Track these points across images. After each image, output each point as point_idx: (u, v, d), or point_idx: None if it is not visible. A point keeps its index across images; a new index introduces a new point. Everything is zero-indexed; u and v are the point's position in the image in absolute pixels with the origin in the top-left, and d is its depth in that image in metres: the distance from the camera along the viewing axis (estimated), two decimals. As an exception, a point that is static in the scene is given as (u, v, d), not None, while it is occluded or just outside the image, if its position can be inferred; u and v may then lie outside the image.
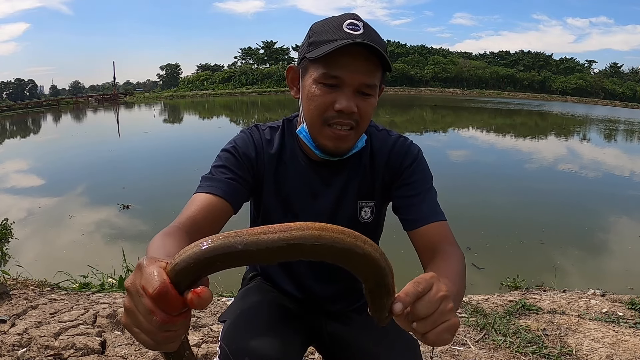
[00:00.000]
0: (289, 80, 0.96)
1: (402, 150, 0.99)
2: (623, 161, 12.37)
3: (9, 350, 1.65)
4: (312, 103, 0.87)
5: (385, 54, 0.83)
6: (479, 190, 7.79)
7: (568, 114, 34.20)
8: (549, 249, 4.88)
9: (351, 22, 0.84)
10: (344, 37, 0.81)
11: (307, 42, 0.89)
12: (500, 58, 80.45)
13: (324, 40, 0.83)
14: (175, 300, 0.40)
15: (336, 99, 0.85)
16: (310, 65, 0.87)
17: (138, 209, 6.47)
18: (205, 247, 0.40)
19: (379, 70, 0.87)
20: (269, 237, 0.39)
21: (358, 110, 0.86)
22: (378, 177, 0.99)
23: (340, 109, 0.85)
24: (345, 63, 0.83)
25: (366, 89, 0.86)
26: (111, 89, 69.34)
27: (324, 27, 0.86)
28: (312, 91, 0.86)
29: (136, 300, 0.42)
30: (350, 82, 0.84)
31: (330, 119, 0.87)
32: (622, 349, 1.88)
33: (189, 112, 37.24)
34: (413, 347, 0.97)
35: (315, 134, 0.90)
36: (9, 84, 78.30)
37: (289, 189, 0.98)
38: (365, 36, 0.82)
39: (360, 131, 0.91)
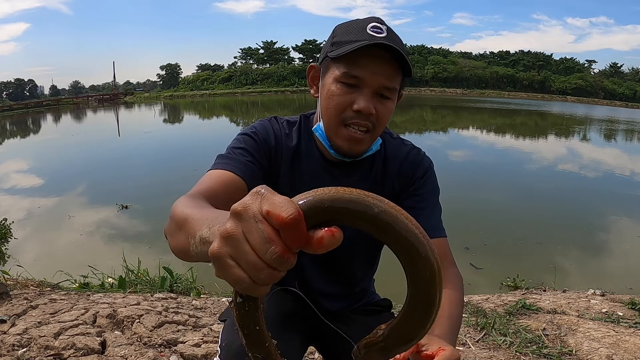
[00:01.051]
0: (310, 78, 0.97)
1: (416, 161, 1.00)
2: (623, 161, 12.37)
3: (9, 350, 1.65)
4: (331, 102, 0.88)
5: (407, 58, 0.84)
6: (478, 190, 7.78)
7: (568, 114, 34.20)
8: (549, 249, 4.88)
9: (375, 25, 0.85)
10: (367, 38, 0.82)
11: (330, 41, 0.90)
12: (500, 58, 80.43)
13: (347, 41, 0.84)
14: (303, 234, 0.36)
15: (355, 99, 0.86)
16: (331, 64, 0.88)
17: (137, 209, 6.47)
18: (346, 196, 0.37)
19: (399, 74, 0.87)
20: (401, 220, 0.37)
21: (376, 113, 0.87)
22: (388, 185, 1.00)
23: (358, 109, 0.85)
24: (366, 64, 0.84)
25: (385, 92, 0.87)
26: (111, 89, 69.35)
27: (348, 29, 0.88)
28: (332, 90, 0.87)
29: (249, 225, 0.36)
30: (370, 83, 0.85)
31: (347, 119, 0.87)
32: (622, 348, 1.88)
33: (188, 112, 37.24)
34: None
35: (331, 133, 0.91)
36: (9, 84, 78.29)
37: (302, 185, 0.97)
38: (388, 39, 0.83)
39: (376, 134, 0.92)
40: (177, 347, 1.81)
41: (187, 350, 1.77)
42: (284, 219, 0.35)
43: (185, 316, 2.10)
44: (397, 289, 1.34)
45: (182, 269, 3.18)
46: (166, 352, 1.77)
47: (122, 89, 78.83)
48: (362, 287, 1.12)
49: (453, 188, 7.19)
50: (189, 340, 1.86)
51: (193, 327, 2.01)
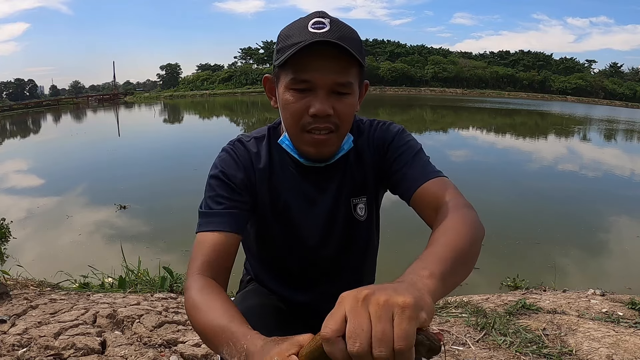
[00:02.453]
0: (267, 90, 0.94)
1: (382, 131, 0.97)
2: (623, 161, 12.37)
3: (9, 350, 1.65)
4: (287, 111, 0.85)
5: (354, 49, 0.79)
6: (477, 190, 7.77)
7: (568, 113, 34.19)
8: (549, 249, 4.88)
9: (316, 21, 0.80)
10: (308, 37, 0.78)
11: (275, 49, 0.86)
12: (500, 58, 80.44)
13: (290, 45, 0.80)
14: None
15: (310, 103, 0.82)
16: (281, 72, 0.85)
17: (137, 209, 6.47)
18: None
19: (353, 66, 0.83)
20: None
21: (335, 112, 0.83)
22: (369, 172, 0.97)
23: (314, 113, 0.81)
24: (313, 65, 0.80)
25: (341, 88, 0.82)
26: (111, 89, 69.35)
27: (290, 31, 0.83)
28: (286, 98, 0.84)
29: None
30: (321, 84, 0.81)
31: (307, 125, 0.84)
32: (622, 348, 1.88)
33: (188, 112, 37.25)
34: None
35: (296, 142, 0.88)
36: (9, 84, 78.26)
37: (284, 198, 0.96)
38: (331, 33, 0.79)
39: (342, 133, 0.88)
40: (177, 347, 1.81)
41: (187, 350, 1.77)
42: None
43: (185, 316, 2.10)
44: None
45: (182, 269, 3.17)
46: (166, 352, 1.77)
47: (122, 89, 78.81)
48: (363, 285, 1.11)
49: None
50: (189, 340, 1.86)
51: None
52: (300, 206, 0.97)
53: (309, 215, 0.97)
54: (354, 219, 0.99)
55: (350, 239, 1.01)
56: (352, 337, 0.44)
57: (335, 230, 0.99)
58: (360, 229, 1.01)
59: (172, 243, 4.89)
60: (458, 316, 2.31)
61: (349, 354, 0.44)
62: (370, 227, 1.03)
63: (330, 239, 0.99)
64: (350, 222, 0.99)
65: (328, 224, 0.98)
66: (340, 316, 0.46)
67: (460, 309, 2.42)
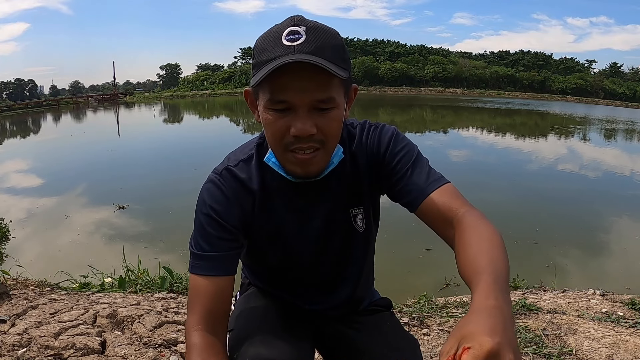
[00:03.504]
0: (249, 104, 0.88)
1: (375, 137, 0.91)
2: (622, 161, 12.37)
3: (9, 350, 1.65)
4: (269, 131, 0.81)
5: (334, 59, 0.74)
6: (477, 190, 7.78)
7: (568, 114, 34.18)
8: (549, 249, 4.88)
9: (291, 31, 0.75)
10: (282, 52, 0.73)
11: (252, 63, 0.81)
12: (500, 58, 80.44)
13: (264, 61, 0.75)
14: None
15: (290, 123, 0.77)
16: (259, 90, 0.80)
17: (136, 208, 6.47)
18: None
19: (334, 78, 0.76)
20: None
21: (319, 129, 0.78)
22: (364, 178, 0.93)
23: (295, 134, 0.77)
24: (289, 84, 0.74)
25: (322, 105, 0.77)
26: (111, 89, 69.31)
27: (264, 43, 0.77)
28: (266, 117, 0.79)
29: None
30: (300, 104, 0.75)
31: (289, 144, 0.79)
32: (622, 348, 1.88)
33: (188, 112, 37.25)
34: (414, 348, 0.97)
35: (281, 161, 0.84)
36: (9, 84, 78.24)
37: (278, 219, 0.92)
38: (307, 45, 0.73)
39: (329, 149, 0.83)
40: (177, 347, 1.81)
41: (187, 350, 1.77)
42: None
43: (185, 316, 2.10)
44: (396, 288, 1.34)
45: (182, 269, 3.17)
46: (166, 352, 1.77)
47: (122, 89, 78.80)
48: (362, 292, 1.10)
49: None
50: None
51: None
52: (295, 224, 0.93)
53: (304, 232, 0.93)
54: (354, 230, 0.96)
55: (347, 250, 0.98)
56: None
57: (333, 243, 0.96)
58: (358, 240, 0.98)
59: (171, 243, 4.89)
60: (458, 316, 2.31)
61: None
62: (368, 238, 1.00)
63: (327, 252, 0.97)
64: (349, 233, 0.96)
65: (324, 238, 0.95)
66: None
67: (460, 309, 2.42)
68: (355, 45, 77.73)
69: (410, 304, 2.58)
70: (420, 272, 4.07)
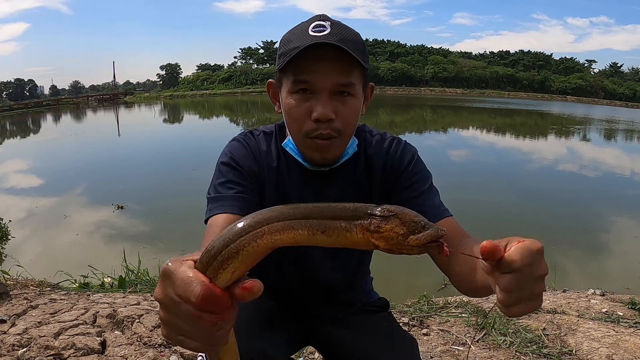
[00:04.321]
0: (271, 95, 0.94)
1: (398, 153, 0.95)
2: (622, 161, 12.37)
3: (9, 350, 1.65)
4: (290, 116, 0.85)
5: (356, 51, 0.79)
6: (476, 190, 7.78)
7: (567, 114, 34.19)
8: (549, 249, 4.83)
9: (317, 24, 0.81)
10: (308, 40, 0.78)
11: (277, 54, 0.86)
12: (500, 58, 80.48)
13: (290, 49, 0.80)
14: (221, 299, 0.38)
15: (312, 107, 0.81)
16: (282, 77, 0.85)
17: (135, 208, 6.46)
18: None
19: (355, 68, 0.82)
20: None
21: (337, 116, 0.82)
22: (375, 187, 0.96)
23: (316, 117, 0.81)
24: (313, 67, 0.80)
25: (344, 89, 0.82)
26: (111, 89, 69.31)
27: (291, 36, 0.83)
28: (288, 102, 0.84)
29: (175, 310, 0.39)
30: (322, 86, 0.81)
31: (310, 132, 0.83)
32: (622, 348, 1.88)
33: (188, 112, 37.25)
34: (412, 347, 0.96)
35: (300, 147, 0.88)
36: (9, 84, 78.26)
37: (289, 198, 0.95)
38: (332, 36, 0.78)
39: (346, 137, 0.87)
40: (177, 347, 1.81)
41: (187, 350, 1.77)
42: (195, 302, 0.37)
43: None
44: (396, 288, 1.34)
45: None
46: (166, 352, 1.77)
47: (122, 88, 78.81)
48: (355, 291, 1.10)
49: (451, 188, 7.18)
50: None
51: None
52: None
53: None
54: None
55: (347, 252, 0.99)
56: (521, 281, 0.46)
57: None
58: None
59: (170, 243, 4.89)
60: (458, 316, 2.31)
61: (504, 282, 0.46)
62: None
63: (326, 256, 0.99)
64: None
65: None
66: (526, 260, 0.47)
67: (460, 309, 2.42)
68: (355, 45, 77.64)
69: (410, 304, 2.58)
70: (418, 272, 4.06)
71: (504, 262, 0.46)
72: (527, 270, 0.46)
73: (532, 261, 0.46)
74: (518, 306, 0.48)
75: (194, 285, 0.37)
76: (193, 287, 0.37)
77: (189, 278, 0.37)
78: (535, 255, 0.47)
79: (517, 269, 0.46)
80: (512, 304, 0.47)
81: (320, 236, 0.41)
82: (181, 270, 0.38)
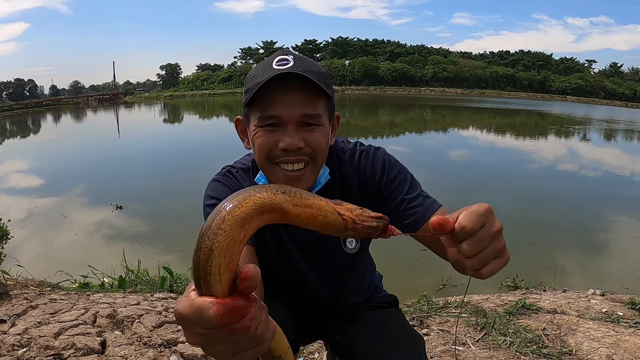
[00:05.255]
0: (239, 132, 0.94)
1: (368, 165, 0.94)
2: (622, 161, 12.37)
3: (9, 350, 1.65)
4: (259, 150, 0.84)
5: (320, 81, 0.79)
6: (477, 190, 7.78)
7: (567, 114, 34.16)
8: (549, 249, 4.88)
9: (280, 58, 0.81)
10: (272, 73, 0.78)
11: (244, 90, 0.87)
12: (500, 58, 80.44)
13: (255, 84, 0.80)
14: (235, 304, 0.38)
15: (279, 138, 0.81)
16: (250, 113, 0.85)
17: (135, 208, 6.46)
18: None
19: (319, 98, 0.82)
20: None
21: (307, 144, 0.82)
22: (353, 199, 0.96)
23: (283, 147, 0.81)
24: (279, 100, 0.80)
25: (310, 120, 0.82)
26: (111, 89, 69.31)
27: (256, 71, 0.84)
28: (256, 137, 0.84)
29: (212, 341, 0.39)
30: (288, 118, 0.80)
31: (276, 157, 0.83)
32: (622, 348, 1.88)
33: (188, 112, 37.24)
34: (418, 345, 0.97)
35: (269, 177, 0.87)
36: (9, 84, 78.25)
37: (267, 234, 0.96)
38: (295, 68, 0.79)
39: (318, 165, 0.87)
40: (177, 347, 1.81)
41: (187, 350, 1.77)
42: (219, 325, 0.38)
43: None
44: (395, 288, 1.35)
45: (182, 269, 3.18)
46: (166, 352, 1.77)
47: (122, 88, 78.83)
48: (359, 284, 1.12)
49: (451, 188, 7.19)
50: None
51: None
52: (282, 241, 0.97)
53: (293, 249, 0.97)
54: (344, 253, 0.99)
55: (335, 269, 1.01)
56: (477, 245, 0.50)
57: (320, 261, 1.00)
58: (347, 261, 1.01)
59: (170, 243, 4.89)
60: (458, 316, 2.31)
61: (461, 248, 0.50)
62: (359, 257, 1.03)
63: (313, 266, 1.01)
64: (339, 256, 0.99)
65: (312, 257, 0.99)
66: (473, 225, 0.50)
67: (460, 308, 2.42)
68: (355, 45, 77.74)
69: (410, 304, 2.58)
70: (417, 272, 4.06)
71: (456, 231, 0.49)
72: (482, 232, 0.49)
73: (483, 221, 0.49)
74: (487, 267, 0.51)
75: (206, 312, 0.37)
76: (207, 315, 0.37)
77: (198, 310, 0.38)
78: (483, 215, 0.50)
79: (470, 232, 0.49)
80: (479, 266, 0.50)
81: (287, 205, 0.41)
82: (188, 306, 0.39)
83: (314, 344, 1.98)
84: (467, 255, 0.50)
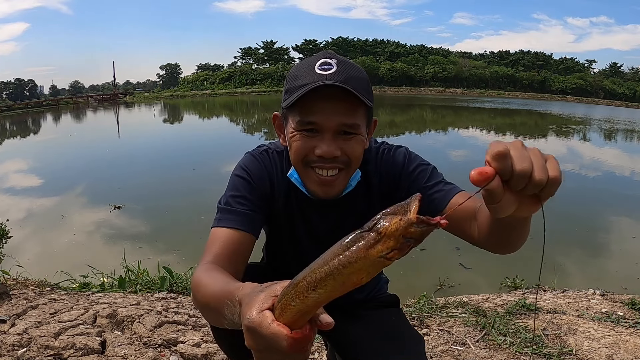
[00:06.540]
0: (276, 127, 0.95)
1: (388, 159, 0.96)
2: (622, 161, 12.37)
3: (9, 350, 1.65)
4: (295, 152, 0.86)
5: (361, 90, 0.80)
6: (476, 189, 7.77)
7: (567, 114, 34.15)
8: (549, 249, 4.87)
9: (323, 62, 0.81)
10: (315, 79, 0.79)
11: (284, 89, 0.87)
12: (500, 58, 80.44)
13: (297, 86, 0.81)
14: (304, 340, 0.43)
15: (316, 144, 0.82)
16: (288, 114, 0.86)
17: (135, 208, 6.46)
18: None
19: (360, 107, 0.83)
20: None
21: (343, 152, 0.83)
22: (375, 199, 0.98)
23: (320, 154, 0.82)
24: (319, 107, 0.80)
25: (348, 129, 0.83)
26: (111, 88, 69.32)
27: (298, 72, 0.84)
28: (293, 139, 0.85)
29: (268, 354, 0.45)
30: (327, 126, 0.81)
31: (311, 162, 0.84)
32: (622, 348, 1.88)
33: (188, 111, 37.23)
34: (418, 345, 0.98)
35: (302, 178, 0.89)
36: (9, 84, 78.27)
37: (296, 221, 0.99)
38: (337, 74, 0.79)
39: (351, 171, 0.89)
40: (177, 347, 1.81)
41: (187, 350, 1.77)
42: (285, 353, 0.43)
43: (185, 316, 2.10)
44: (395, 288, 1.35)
45: (182, 268, 3.18)
46: (166, 352, 1.77)
47: (122, 88, 78.83)
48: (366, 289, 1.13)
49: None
50: (189, 340, 1.86)
51: (193, 326, 2.01)
52: (305, 233, 1.00)
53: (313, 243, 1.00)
54: None
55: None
56: (521, 158, 0.48)
57: None
58: None
59: (170, 243, 4.88)
60: (458, 316, 2.31)
61: (514, 172, 0.47)
62: None
63: None
64: None
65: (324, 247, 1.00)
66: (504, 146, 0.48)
67: (460, 309, 2.42)
68: (355, 45, 77.74)
69: (410, 304, 2.58)
70: (416, 272, 4.06)
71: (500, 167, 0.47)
72: (517, 153, 0.48)
73: (517, 145, 0.49)
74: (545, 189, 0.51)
75: (279, 342, 0.42)
76: (279, 344, 0.42)
77: (273, 335, 0.43)
78: (514, 143, 0.49)
79: (505, 153, 0.47)
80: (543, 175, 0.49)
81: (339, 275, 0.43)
82: (264, 328, 0.43)
83: (314, 343, 1.98)
84: (523, 173, 0.48)
